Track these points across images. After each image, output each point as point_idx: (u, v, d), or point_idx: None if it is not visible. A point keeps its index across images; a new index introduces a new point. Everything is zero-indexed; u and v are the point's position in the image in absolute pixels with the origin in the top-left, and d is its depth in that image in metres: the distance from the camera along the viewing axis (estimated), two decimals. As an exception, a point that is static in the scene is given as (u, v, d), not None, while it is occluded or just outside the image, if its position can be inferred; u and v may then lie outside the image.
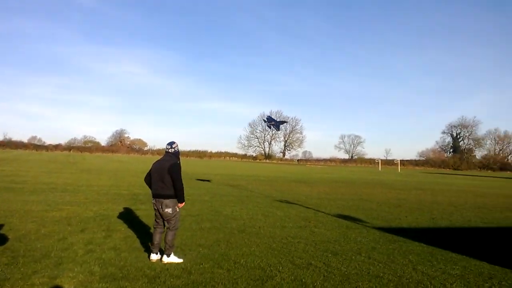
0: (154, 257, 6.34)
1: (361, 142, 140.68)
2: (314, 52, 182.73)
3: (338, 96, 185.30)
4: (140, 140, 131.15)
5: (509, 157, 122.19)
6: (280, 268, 6.24)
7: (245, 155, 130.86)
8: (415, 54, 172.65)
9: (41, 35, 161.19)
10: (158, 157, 7.32)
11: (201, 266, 6.11)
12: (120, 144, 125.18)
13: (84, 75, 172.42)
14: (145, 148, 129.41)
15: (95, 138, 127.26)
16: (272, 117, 44.47)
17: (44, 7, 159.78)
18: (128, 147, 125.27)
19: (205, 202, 14.38)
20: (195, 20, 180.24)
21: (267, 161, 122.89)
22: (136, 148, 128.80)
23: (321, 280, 5.69)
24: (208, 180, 25.79)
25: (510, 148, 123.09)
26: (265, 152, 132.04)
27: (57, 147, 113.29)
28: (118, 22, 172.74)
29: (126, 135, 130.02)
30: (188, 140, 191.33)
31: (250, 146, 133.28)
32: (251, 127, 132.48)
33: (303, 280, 5.68)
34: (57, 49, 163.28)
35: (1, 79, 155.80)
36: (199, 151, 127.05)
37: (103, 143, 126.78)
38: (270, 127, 40.28)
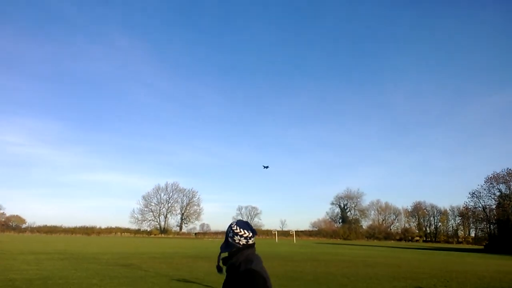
0: None
1: (258, 214, 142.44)
2: (209, 123, 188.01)
3: (235, 167, 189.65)
4: (17, 217, 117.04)
5: (391, 226, 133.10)
6: None
7: (139, 230, 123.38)
8: (305, 128, 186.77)
9: None
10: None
11: None
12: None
13: None
14: (23, 226, 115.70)
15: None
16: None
17: None
18: (2, 225, 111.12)
19: (93, 286, 12.97)
20: (82, 86, 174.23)
21: (163, 235, 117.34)
22: (12, 225, 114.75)
23: None
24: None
25: (392, 218, 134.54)
26: (160, 226, 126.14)
27: None
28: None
29: (0, 211, 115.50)
30: (74, 215, 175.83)
31: (144, 220, 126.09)
32: (146, 200, 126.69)
33: None
34: None
35: None
36: (86, 227, 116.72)
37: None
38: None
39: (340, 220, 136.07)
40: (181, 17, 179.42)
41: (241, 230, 2.74)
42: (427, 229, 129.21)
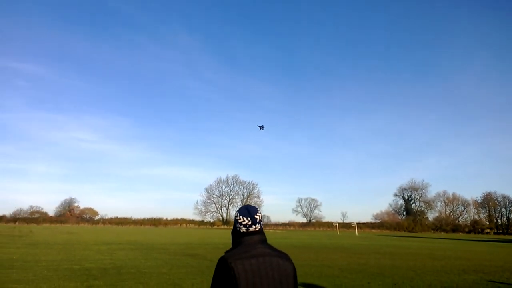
0: None
1: (318, 206, 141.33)
2: (268, 118, 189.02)
3: (293, 160, 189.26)
4: (90, 209, 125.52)
5: (460, 218, 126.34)
6: None
7: (203, 221, 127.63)
8: (364, 119, 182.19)
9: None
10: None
11: None
12: (69, 214, 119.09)
13: (29, 143, 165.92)
14: (96, 218, 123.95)
15: (42, 208, 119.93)
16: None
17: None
18: (78, 217, 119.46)
19: (162, 275, 13.67)
20: (145, 84, 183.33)
21: (225, 227, 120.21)
22: (86, 217, 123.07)
23: None
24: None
25: (460, 209, 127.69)
26: (222, 218, 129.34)
27: (1, 218, 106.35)
28: (66, 88, 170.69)
29: (75, 204, 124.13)
30: (142, 207, 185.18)
31: (208, 212, 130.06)
32: (208, 192, 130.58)
33: None
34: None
35: None
36: (154, 218, 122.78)
37: (51, 213, 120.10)
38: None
39: (404, 212, 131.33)
40: (238, 15, 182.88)
41: (241, 217, 2.55)
42: (499, 220, 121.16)
